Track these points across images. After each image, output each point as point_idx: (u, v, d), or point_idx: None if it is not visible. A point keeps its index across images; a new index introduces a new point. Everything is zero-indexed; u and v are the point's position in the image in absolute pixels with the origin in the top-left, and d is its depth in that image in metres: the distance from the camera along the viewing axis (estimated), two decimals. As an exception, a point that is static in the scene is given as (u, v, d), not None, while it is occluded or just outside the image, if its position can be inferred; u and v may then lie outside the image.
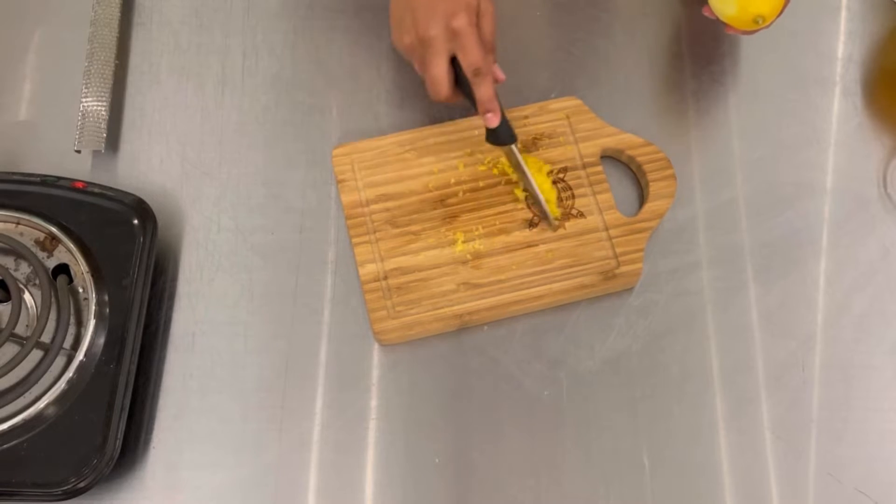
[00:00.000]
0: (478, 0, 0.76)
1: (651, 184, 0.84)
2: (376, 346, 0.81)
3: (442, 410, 0.79)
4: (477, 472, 0.77)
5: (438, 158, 0.85)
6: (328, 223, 0.85)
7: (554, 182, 0.83)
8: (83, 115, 0.86)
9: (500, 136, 0.79)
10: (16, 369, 0.73)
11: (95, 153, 0.86)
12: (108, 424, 0.73)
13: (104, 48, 0.88)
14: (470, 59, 0.75)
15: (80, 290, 0.78)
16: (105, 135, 0.85)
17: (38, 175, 0.81)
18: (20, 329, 0.76)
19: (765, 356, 0.81)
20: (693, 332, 0.82)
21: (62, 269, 0.79)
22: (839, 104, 0.90)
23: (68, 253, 0.78)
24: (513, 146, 0.80)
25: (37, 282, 0.77)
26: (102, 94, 0.87)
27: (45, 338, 0.75)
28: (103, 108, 0.86)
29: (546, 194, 0.82)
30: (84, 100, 0.87)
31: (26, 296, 0.77)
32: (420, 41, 0.76)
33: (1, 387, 0.74)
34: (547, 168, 0.84)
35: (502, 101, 0.78)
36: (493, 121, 0.78)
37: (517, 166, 0.82)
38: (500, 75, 0.79)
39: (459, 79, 0.77)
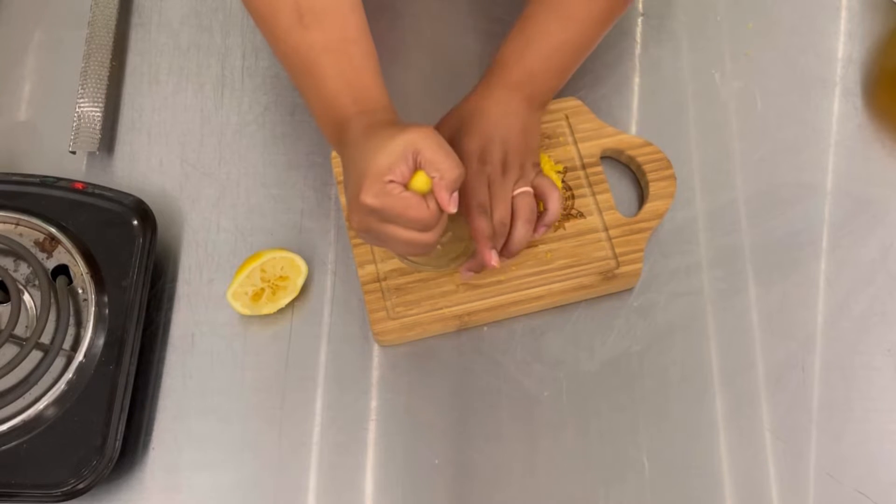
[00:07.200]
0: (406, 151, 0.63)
1: (651, 184, 0.84)
2: (376, 346, 0.81)
3: (441, 411, 0.79)
4: (477, 473, 0.77)
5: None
6: (328, 224, 0.85)
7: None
8: (79, 116, 0.86)
9: None
10: (15, 370, 0.73)
11: (95, 154, 0.86)
12: (107, 425, 0.73)
13: (101, 49, 0.88)
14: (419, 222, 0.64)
15: (80, 291, 0.78)
16: (99, 136, 0.85)
17: (38, 176, 0.81)
18: (20, 330, 0.76)
19: (765, 356, 0.81)
20: (693, 332, 0.81)
21: (62, 269, 0.79)
22: (839, 104, 0.90)
23: (68, 254, 0.78)
24: None
25: (36, 283, 0.77)
26: (98, 94, 0.87)
27: (45, 339, 0.75)
28: (98, 109, 0.86)
29: None
30: (80, 101, 0.86)
31: (26, 297, 0.77)
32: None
33: (1, 388, 0.74)
34: (559, 167, 0.84)
35: None
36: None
37: None
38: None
39: None
